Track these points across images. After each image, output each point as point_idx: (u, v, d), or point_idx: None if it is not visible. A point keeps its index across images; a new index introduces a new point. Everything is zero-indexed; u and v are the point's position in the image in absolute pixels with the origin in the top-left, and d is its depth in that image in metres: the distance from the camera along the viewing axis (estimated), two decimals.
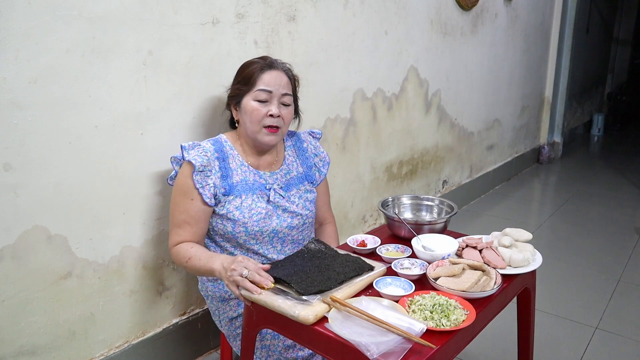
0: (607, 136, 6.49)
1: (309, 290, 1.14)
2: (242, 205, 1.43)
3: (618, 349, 1.98)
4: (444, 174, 3.37)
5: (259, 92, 1.42)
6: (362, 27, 2.39)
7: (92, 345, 1.58)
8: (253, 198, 1.45)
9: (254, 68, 1.43)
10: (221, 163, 1.43)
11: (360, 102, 2.47)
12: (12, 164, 1.30)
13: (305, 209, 1.53)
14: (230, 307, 1.51)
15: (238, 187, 1.44)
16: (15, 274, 1.36)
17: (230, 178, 1.44)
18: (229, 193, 1.43)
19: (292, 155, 1.60)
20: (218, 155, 1.43)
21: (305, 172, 1.59)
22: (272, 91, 1.42)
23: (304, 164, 1.60)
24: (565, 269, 2.65)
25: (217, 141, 1.48)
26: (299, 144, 1.63)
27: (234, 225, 1.43)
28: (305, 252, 1.36)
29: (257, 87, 1.42)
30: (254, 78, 1.42)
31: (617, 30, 7.21)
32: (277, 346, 1.40)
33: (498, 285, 1.20)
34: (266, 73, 1.42)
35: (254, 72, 1.43)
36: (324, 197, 1.69)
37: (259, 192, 1.46)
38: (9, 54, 1.25)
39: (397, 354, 0.97)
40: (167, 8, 1.57)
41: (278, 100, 1.44)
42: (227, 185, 1.42)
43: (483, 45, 3.51)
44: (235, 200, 1.43)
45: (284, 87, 1.44)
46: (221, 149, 1.46)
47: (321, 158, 1.64)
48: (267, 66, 1.44)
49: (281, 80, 1.44)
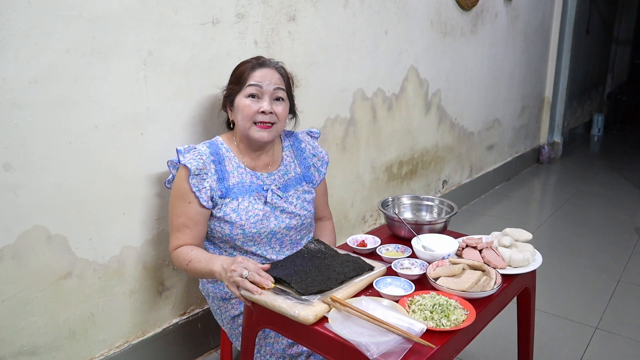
0: (607, 136, 6.49)
1: (309, 290, 1.14)
2: (239, 208, 1.43)
3: (618, 349, 1.98)
4: (444, 174, 3.37)
5: (249, 88, 1.43)
6: (362, 27, 2.39)
7: (92, 345, 1.58)
8: (250, 200, 1.45)
9: (245, 67, 1.46)
10: (217, 166, 1.43)
11: (360, 102, 2.47)
12: (12, 164, 1.30)
13: (303, 210, 1.53)
14: (231, 306, 1.51)
15: (234, 189, 1.44)
16: (15, 274, 1.36)
17: (226, 180, 1.43)
18: (225, 196, 1.42)
19: (290, 155, 1.60)
20: (214, 158, 1.43)
21: (303, 173, 1.59)
22: (262, 86, 1.43)
23: (302, 164, 1.60)
24: (565, 269, 2.65)
25: (212, 144, 1.48)
26: (297, 144, 1.62)
27: (231, 227, 1.43)
28: (305, 252, 1.36)
29: (247, 84, 1.43)
30: (245, 76, 1.44)
31: (617, 30, 7.20)
32: (280, 343, 1.40)
33: (498, 285, 1.20)
34: (257, 70, 1.44)
35: (245, 70, 1.45)
36: (323, 197, 1.69)
37: (255, 194, 1.46)
38: (9, 54, 1.25)
39: (397, 354, 0.97)
40: (167, 8, 1.57)
41: (270, 96, 1.44)
42: (223, 188, 1.42)
43: (483, 45, 3.51)
44: (232, 203, 1.43)
45: (275, 83, 1.45)
46: (217, 151, 1.46)
47: (320, 158, 1.63)
48: (258, 64, 1.46)
49: (272, 77, 1.45)
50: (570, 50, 4.71)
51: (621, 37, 7.28)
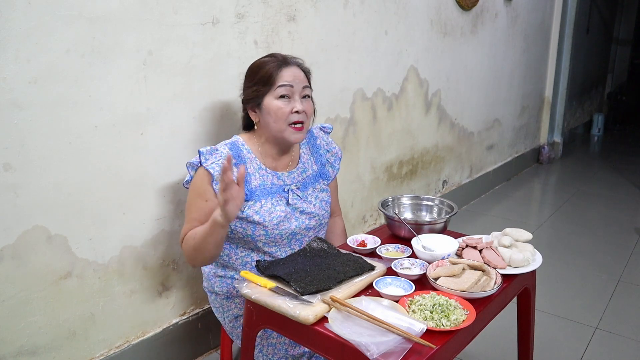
0: (607, 136, 6.49)
1: (307, 289, 1.14)
2: (262, 210, 1.42)
3: (618, 349, 1.98)
4: (444, 174, 3.37)
5: (280, 89, 1.40)
6: (362, 27, 2.39)
7: (92, 345, 1.58)
8: (272, 202, 1.44)
9: (270, 67, 1.41)
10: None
11: (360, 102, 2.47)
12: (12, 164, 1.30)
13: (322, 209, 1.53)
14: (235, 305, 1.51)
15: (257, 192, 1.43)
16: (15, 274, 1.36)
17: (249, 183, 1.42)
18: (248, 198, 1.41)
19: (307, 153, 1.59)
20: (235, 162, 1.41)
21: (319, 170, 1.59)
22: (294, 86, 1.41)
23: (318, 161, 1.60)
24: (565, 269, 2.65)
25: (234, 145, 1.45)
26: (313, 140, 1.62)
27: (254, 228, 1.42)
28: (308, 251, 1.36)
29: (277, 84, 1.40)
30: (273, 77, 1.40)
31: (617, 30, 7.20)
32: (282, 343, 1.40)
33: (498, 285, 1.20)
34: (284, 70, 1.41)
35: (272, 70, 1.41)
36: (334, 192, 1.69)
37: (277, 196, 1.46)
38: (9, 54, 1.25)
39: (397, 354, 0.97)
40: (167, 8, 1.57)
41: (299, 95, 1.42)
42: (246, 191, 1.41)
43: (483, 45, 3.51)
44: (255, 205, 1.42)
45: (303, 81, 1.43)
46: (238, 154, 1.44)
47: (333, 153, 1.63)
48: (282, 63, 1.42)
49: (299, 75, 1.43)
50: (570, 50, 4.70)
51: (621, 37, 7.28)
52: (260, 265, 1.28)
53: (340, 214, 1.76)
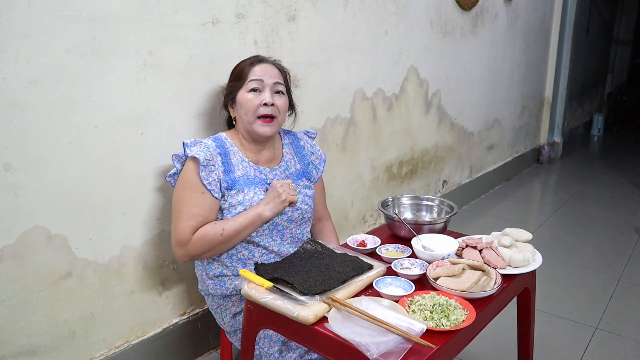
0: (607, 136, 6.48)
1: (312, 290, 1.14)
2: (245, 199, 1.45)
3: (618, 349, 1.98)
4: (444, 174, 3.37)
5: (250, 83, 1.48)
6: (362, 27, 2.39)
7: (92, 345, 1.58)
8: (255, 191, 1.47)
9: (244, 64, 1.52)
10: (223, 158, 1.46)
11: (360, 102, 2.47)
12: (12, 164, 1.30)
13: (304, 204, 1.55)
14: (232, 303, 1.52)
15: (240, 181, 1.47)
16: (15, 274, 1.36)
17: (232, 173, 1.46)
18: (231, 187, 1.45)
19: (290, 152, 1.63)
20: (220, 151, 1.47)
21: (303, 169, 1.63)
22: (264, 80, 1.48)
23: (302, 161, 1.64)
24: (565, 269, 2.65)
25: (217, 138, 1.51)
26: (296, 141, 1.67)
27: None
28: (302, 253, 1.36)
29: (249, 79, 1.48)
30: (246, 72, 1.50)
31: (617, 30, 7.20)
32: (279, 336, 1.40)
33: (498, 285, 1.20)
34: (257, 66, 1.51)
35: (245, 67, 1.51)
36: (321, 195, 1.72)
37: (260, 186, 1.49)
38: (9, 54, 1.25)
39: (397, 354, 0.97)
40: (167, 8, 1.57)
41: (270, 89, 1.49)
42: (229, 180, 1.45)
43: (483, 45, 3.51)
44: (237, 195, 1.45)
45: (275, 77, 1.51)
46: (222, 145, 1.49)
47: (317, 156, 1.68)
48: (256, 61, 1.52)
49: (271, 71, 1.51)
50: (570, 50, 4.70)
51: (621, 37, 7.27)
52: (260, 269, 1.28)
53: (329, 218, 1.78)
